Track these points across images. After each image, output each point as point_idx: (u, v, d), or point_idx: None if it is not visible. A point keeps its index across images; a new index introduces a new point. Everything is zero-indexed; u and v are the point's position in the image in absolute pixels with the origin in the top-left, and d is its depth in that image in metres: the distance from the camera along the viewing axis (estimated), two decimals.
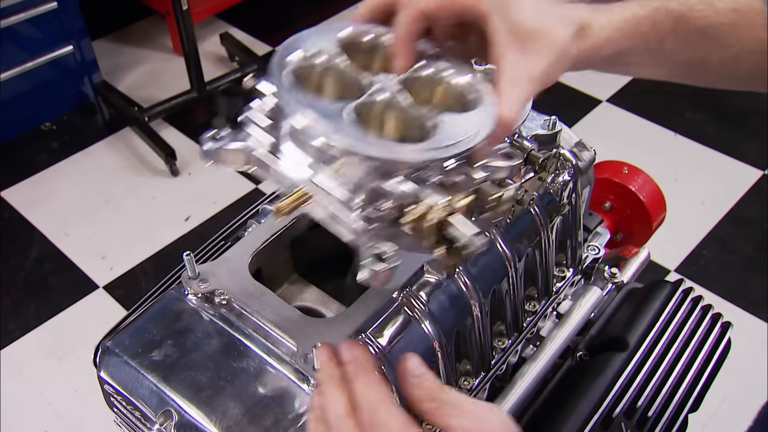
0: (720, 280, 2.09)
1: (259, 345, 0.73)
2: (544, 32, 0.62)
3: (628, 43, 0.66)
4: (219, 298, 0.77)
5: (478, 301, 0.81)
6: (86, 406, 1.81)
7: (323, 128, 0.55)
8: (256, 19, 3.13)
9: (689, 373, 0.96)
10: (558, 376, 0.96)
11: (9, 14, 2.26)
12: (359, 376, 0.56)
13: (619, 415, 0.88)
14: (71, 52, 2.52)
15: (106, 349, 0.76)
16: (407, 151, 0.54)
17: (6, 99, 2.44)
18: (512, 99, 0.60)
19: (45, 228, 2.27)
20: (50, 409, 1.82)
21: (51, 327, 2.01)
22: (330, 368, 0.58)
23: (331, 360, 0.58)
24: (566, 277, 0.97)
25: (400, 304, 0.76)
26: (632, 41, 0.66)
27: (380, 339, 0.73)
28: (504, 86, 0.61)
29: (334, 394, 0.56)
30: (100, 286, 2.11)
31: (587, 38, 0.64)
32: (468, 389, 0.84)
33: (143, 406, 0.72)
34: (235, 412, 0.68)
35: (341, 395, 0.55)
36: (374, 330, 0.73)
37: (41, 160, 2.50)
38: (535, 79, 0.62)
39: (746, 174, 2.43)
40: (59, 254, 2.19)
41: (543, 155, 0.81)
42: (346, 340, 0.61)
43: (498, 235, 0.83)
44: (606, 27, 0.65)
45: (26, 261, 2.18)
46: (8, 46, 2.35)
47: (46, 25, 2.42)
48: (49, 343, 1.97)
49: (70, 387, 1.86)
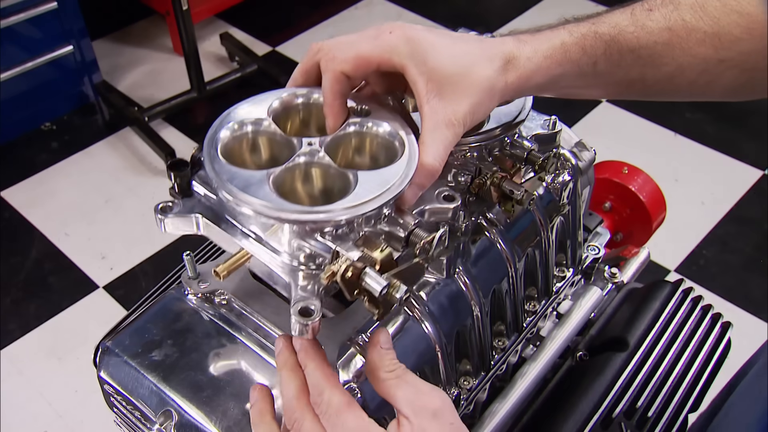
0: (720, 280, 2.09)
1: (259, 345, 0.73)
2: (464, 74, 0.64)
3: (559, 69, 0.68)
4: (219, 298, 0.77)
5: (478, 301, 0.81)
6: (86, 406, 1.81)
7: (244, 197, 0.60)
8: (256, 19, 3.13)
9: (689, 373, 0.96)
10: (558, 376, 0.96)
11: (9, 14, 2.26)
12: (308, 361, 0.61)
13: (619, 415, 0.88)
14: (71, 52, 2.52)
15: (106, 349, 0.76)
16: (322, 213, 0.59)
17: (6, 99, 2.44)
18: (433, 147, 0.63)
19: (45, 228, 2.27)
20: (50, 409, 1.82)
21: (51, 327, 2.01)
22: (284, 356, 0.63)
23: (286, 349, 0.64)
24: (566, 277, 0.97)
25: None
26: (563, 68, 0.68)
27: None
28: (424, 135, 0.64)
29: (288, 378, 0.62)
30: (100, 286, 2.11)
31: (514, 70, 0.66)
32: (468, 389, 0.84)
33: (143, 406, 0.72)
34: (235, 412, 0.68)
35: (294, 378, 0.62)
36: (374, 330, 0.73)
37: (41, 160, 2.50)
38: (457, 123, 0.64)
39: (746, 174, 2.43)
40: (59, 254, 2.19)
41: (543, 155, 0.81)
42: None
43: (498, 235, 0.83)
44: (533, 57, 0.67)
45: (26, 261, 2.18)
46: (8, 46, 2.35)
47: (46, 25, 2.42)
48: (49, 343, 1.97)
49: (70, 387, 1.86)
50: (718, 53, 0.68)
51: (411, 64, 0.64)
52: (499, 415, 0.88)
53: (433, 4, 3.18)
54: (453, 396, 0.81)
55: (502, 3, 3.25)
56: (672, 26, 0.68)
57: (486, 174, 0.77)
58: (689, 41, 0.68)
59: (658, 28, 0.68)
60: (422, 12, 3.14)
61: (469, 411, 0.86)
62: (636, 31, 0.69)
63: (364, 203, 0.60)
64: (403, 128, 0.67)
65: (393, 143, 0.67)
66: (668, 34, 0.68)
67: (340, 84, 0.66)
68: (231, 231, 0.66)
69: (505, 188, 0.77)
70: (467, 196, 0.80)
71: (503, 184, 0.77)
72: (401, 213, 0.64)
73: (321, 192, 0.67)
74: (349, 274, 0.59)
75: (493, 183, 0.77)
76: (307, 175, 0.66)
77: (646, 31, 0.69)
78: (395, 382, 0.60)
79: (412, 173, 0.62)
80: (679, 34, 0.68)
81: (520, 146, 0.83)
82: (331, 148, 0.67)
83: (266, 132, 0.68)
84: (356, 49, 0.65)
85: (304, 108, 0.71)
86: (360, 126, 0.68)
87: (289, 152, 0.66)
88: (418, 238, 0.63)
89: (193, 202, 0.69)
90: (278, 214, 0.59)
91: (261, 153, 0.69)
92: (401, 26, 0.65)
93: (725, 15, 0.67)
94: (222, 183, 0.61)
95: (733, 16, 0.67)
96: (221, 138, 0.66)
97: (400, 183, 0.62)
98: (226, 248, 0.70)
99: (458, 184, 0.80)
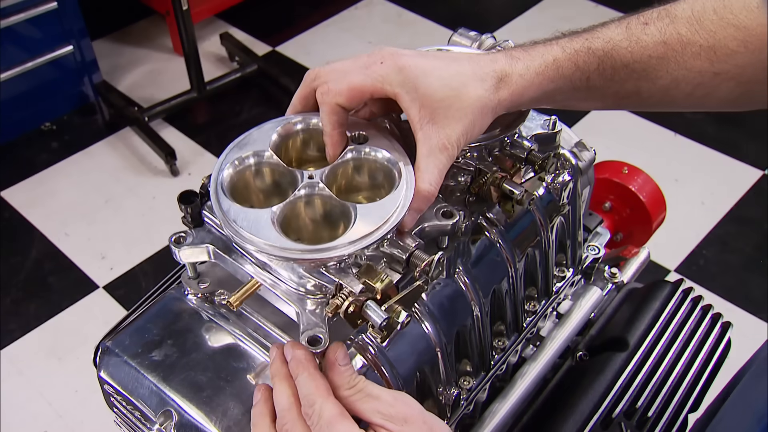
0: (720, 280, 2.09)
1: (258, 345, 0.73)
2: (455, 97, 0.66)
3: (552, 85, 0.70)
4: (219, 298, 0.77)
5: (478, 301, 0.81)
6: (86, 406, 1.81)
7: (250, 238, 0.63)
8: (256, 19, 3.13)
9: (689, 373, 0.96)
10: (558, 376, 0.96)
11: (9, 14, 2.26)
12: (300, 372, 0.62)
13: (619, 415, 0.88)
14: (71, 52, 2.52)
15: (106, 349, 0.76)
16: (324, 251, 0.62)
17: (6, 99, 2.44)
18: (427, 172, 0.66)
19: (45, 228, 2.27)
20: (50, 409, 1.82)
21: (51, 327, 2.01)
22: (277, 366, 0.65)
23: (278, 359, 0.65)
24: (566, 277, 0.97)
25: None
26: (555, 83, 0.70)
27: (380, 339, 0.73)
28: (419, 161, 0.67)
29: (279, 388, 0.63)
30: (100, 286, 2.11)
31: (507, 87, 0.68)
32: (468, 389, 0.84)
33: (143, 406, 0.72)
34: (235, 412, 0.68)
35: (286, 389, 0.63)
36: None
37: (41, 160, 2.50)
38: (451, 146, 0.66)
39: (746, 174, 2.43)
40: (59, 254, 2.19)
41: (543, 155, 0.81)
42: (289, 341, 0.67)
43: (498, 235, 0.83)
44: (525, 74, 0.69)
45: (26, 261, 2.18)
46: (8, 46, 2.35)
47: (46, 25, 2.42)
48: (49, 343, 1.97)
49: (70, 387, 1.86)
50: (713, 66, 0.68)
51: (403, 92, 0.66)
52: (499, 415, 0.88)
53: (433, 4, 3.18)
54: (453, 396, 0.81)
55: (502, 3, 3.25)
56: (667, 40, 0.69)
57: (486, 174, 0.77)
58: (684, 55, 0.69)
59: (653, 42, 0.69)
60: (422, 12, 3.14)
61: (469, 411, 0.86)
62: (630, 45, 0.69)
63: (365, 237, 0.63)
64: (399, 153, 0.70)
65: (390, 169, 0.70)
66: (663, 48, 0.69)
67: (337, 115, 0.69)
68: (241, 261, 0.70)
69: (505, 188, 0.77)
70: (467, 196, 0.80)
71: (503, 184, 0.77)
72: (402, 235, 0.66)
73: (322, 219, 0.70)
74: (351, 309, 0.62)
75: (493, 183, 0.77)
76: (309, 206, 0.69)
77: (641, 46, 0.69)
78: (358, 397, 0.61)
79: (409, 202, 0.65)
80: (675, 48, 0.69)
81: (520, 146, 0.83)
82: (330, 178, 0.70)
83: (269, 164, 0.72)
84: (348, 81, 0.67)
85: (303, 133, 0.74)
86: (357, 152, 0.71)
87: (290, 181, 0.70)
88: (419, 260, 0.65)
89: (204, 232, 0.73)
90: (282, 253, 0.62)
91: (265, 182, 0.73)
92: (391, 55, 0.67)
93: (721, 29, 0.67)
94: (228, 223, 0.64)
95: (730, 29, 0.67)
96: (226, 177, 0.69)
97: (398, 213, 0.64)
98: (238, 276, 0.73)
99: (458, 184, 0.80)
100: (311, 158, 0.76)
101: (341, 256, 0.62)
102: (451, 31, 0.91)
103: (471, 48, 0.92)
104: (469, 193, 0.80)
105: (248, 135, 0.73)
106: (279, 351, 0.66)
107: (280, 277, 0.67)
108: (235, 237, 0.64)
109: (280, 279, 0.67)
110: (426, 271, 0.65)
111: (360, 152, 0.71)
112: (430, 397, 0.80)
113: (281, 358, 0.65)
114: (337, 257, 0.62)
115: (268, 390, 0.65)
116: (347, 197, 0.70)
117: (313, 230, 0.71)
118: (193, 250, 0.71)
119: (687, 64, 0.69)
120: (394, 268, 0.66)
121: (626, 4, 3.03)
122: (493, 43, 0.93)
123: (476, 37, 0.93)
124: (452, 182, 0.81)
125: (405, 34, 3.05)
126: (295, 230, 0.69)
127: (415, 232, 0.70)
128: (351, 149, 0.71)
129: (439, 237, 0.73)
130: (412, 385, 0.76)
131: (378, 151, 0.71)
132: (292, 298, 0.67)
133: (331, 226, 0.70)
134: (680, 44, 0.68)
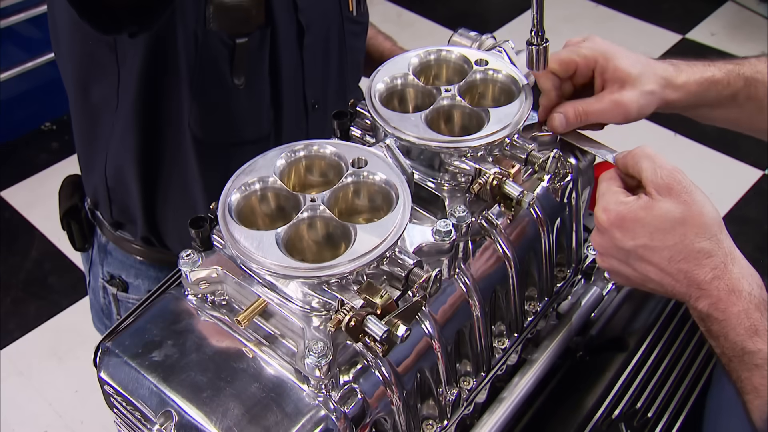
0: None
1: (258, 345, 0.73)
2: (638, 79, 0.83)
3: (704, 97, 0.87)
4: (219, 298, 0.77)
5: (479, 301, 0.81)
6: (86, 406, 1.81)
7: (257, 258, 0.67)
8: None
9: (689, 373, 0.96)
10: (558, 376, 0.96)
11: (9, 14, 2.26)
12: None
13: (619, 416, 0.88)
14: None
15: (106, 349, 0.76)
16: (327, 269, 0.66)
17: (6, 99, 2.44)
18: None
19: (45, 228, 2.27)
20: (50, 409, 1.82)
21: (51, 327, 2.01)
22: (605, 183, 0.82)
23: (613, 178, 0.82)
24: (566, 277, 0.97)
25: None
26: (707, 96, 0.87)
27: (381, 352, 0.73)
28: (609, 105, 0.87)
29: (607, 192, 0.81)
30: None
31: (671, 91, 0.85)
32: (468, 389, 0.84)
33: (143, 407, 0.72)
34: (235, 412, 0.68)
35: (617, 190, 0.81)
36: None
37: (41, 160, 2.50)
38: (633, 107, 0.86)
39: (746, 174, 2.43)
40: (59, 254, 2.19)
41: (543, 156, 0.81)
42: None
43: (498, 235, 0.83)
44: (684, 85, 0.86)
45: (26, 261, 2.18)
46: (8, 46, 2.35)
47: (46, 25, 2.41)
48: (49, 343, 1.97)
49: (70, 387, 1.86)
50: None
51: (601, 58, 0.84)
52: (499, 415, 0.88)
53: (433, 4, 3.18)
54: (453, 396, 0.81)
55: (502, 3, 3.25)
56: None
57: (486, 174, 0.77)
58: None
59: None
60: (422, 12, 3.15)
61: (469, 411, 0.86)
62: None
63: (364, 255, 0.67)
64: (396, 175, 0.75)
65: (388, 191, 0.75)
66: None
67: (551, 80, 0.86)
68: (248, 281, 0.73)
69: (505, 189, 0.77)
70: (467, 196, 0.80)
71: (503, 185, 0.77)
72: (401, 252, 0.70)
73: (324, 239, 0.74)
74: (352, 323, 0.65)
75: (493, 183, 0.77)
76: (311, 227, 0.74)
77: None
78: None
79: (407, 221, 0.70)
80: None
81: (520, 147, 0.83)
82: (331, 201, 0.74)
83: (273, 188, 0.76)
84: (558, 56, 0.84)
85: (306, 159, 0.79)
86: (357, 176, 0.76)
87: (294, 204, 0.75)
88: (417, 277, 0.68)
89: (213, 255, 0.76)
90: (287, 272, 0.67)
91: (270, 206, 0.77)
92: (591, 38, 0.85)
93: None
94: (236, 245, 0.69)
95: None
96: (233, 201, 0.73)
97: (395, 233, 0.69)
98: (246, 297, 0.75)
99: (458, 184, 0.80)
100: (314, 183, 0.80)
101: (342, 274, 0.66)
102: (451, 31, 0.91)
103: (471, 48, 0.92)
104: (469, 193, 0.80)
105: (254, 162, 0.77)
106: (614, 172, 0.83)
107: (286, 295, 0.70)
108: (242, 258, 0.68)
109: (286, 297, 0.70)
110: (424, 287, 0.69)
111: (359, 176, 0.76)
112: (430, 397, 0.80)
113: None
114: (339, 274, 0.66)
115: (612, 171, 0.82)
116: (348, 219, 0.74)
117: (316, 250, 0.75)
118: (203, 271, 0.75)
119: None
120: (393, 285, 0.70)
121: (626, 5, 3.04)
122: (493, 43, 0.93)
123: (476, 37, 0.93)
124: (452, 182, 0.81)
125: (405, 34, 3.04)
126: (299, 250, 0.73)
127: (414, 251, 0.74)
128: (350, 173, 0.76)
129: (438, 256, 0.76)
130: (412, 385, 0.76)
131: (376, 174, 0.75)
132: (298, 316, 0.70)
133: (333, 246, 0.74)
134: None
